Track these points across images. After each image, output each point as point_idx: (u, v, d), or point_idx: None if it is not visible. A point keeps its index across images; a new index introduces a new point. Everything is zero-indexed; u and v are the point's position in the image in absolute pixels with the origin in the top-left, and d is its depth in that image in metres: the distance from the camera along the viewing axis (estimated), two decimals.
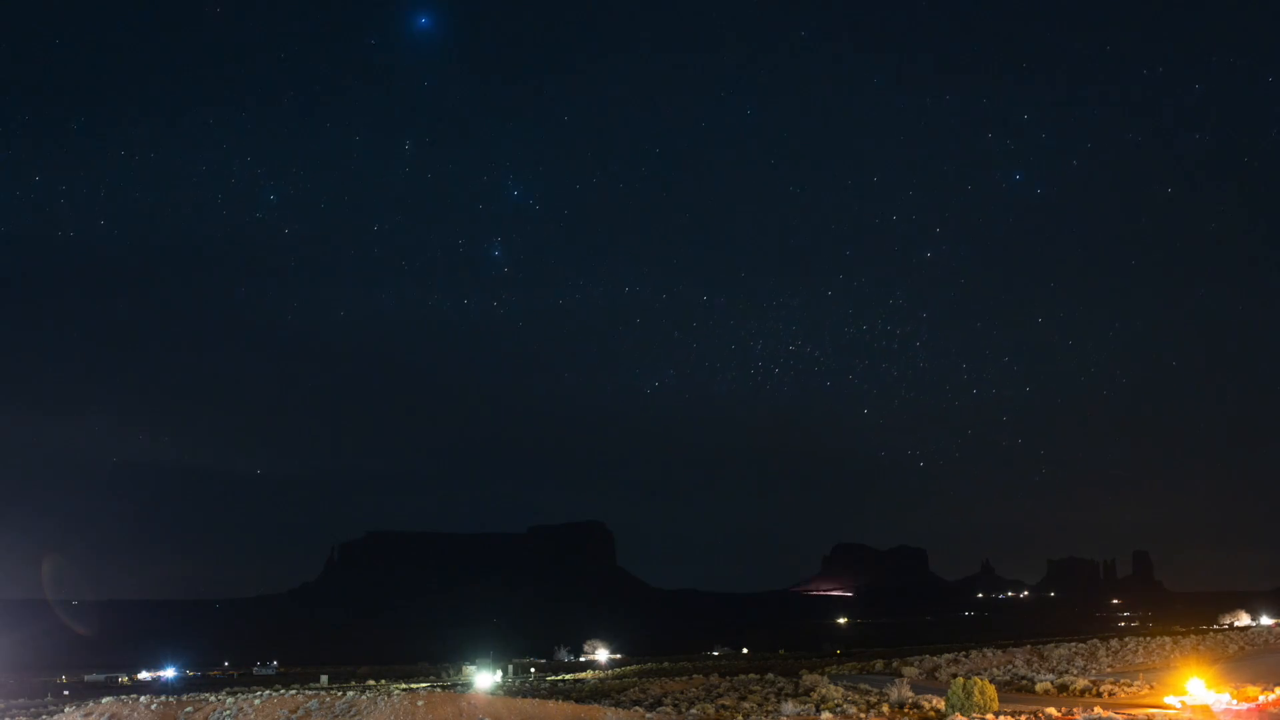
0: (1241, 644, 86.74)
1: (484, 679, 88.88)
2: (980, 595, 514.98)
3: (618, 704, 51.63)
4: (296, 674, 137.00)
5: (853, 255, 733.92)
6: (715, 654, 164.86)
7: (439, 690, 50.70)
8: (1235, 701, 42.22)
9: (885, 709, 44.85)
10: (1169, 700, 44.63)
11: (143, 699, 39.23)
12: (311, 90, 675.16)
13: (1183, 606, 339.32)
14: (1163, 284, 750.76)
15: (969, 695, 40.43)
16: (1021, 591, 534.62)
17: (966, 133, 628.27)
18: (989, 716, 38.31)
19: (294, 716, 35.71)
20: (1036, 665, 74.19)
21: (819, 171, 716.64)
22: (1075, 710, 39.12)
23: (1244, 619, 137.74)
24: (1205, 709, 41.22)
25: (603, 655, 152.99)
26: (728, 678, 75.02)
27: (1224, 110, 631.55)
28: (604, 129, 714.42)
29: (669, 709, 50.07)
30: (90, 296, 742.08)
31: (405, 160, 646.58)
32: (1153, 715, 39.72)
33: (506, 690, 73.70)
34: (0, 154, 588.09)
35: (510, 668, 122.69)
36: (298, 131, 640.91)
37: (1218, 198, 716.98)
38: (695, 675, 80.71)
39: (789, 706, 45.38)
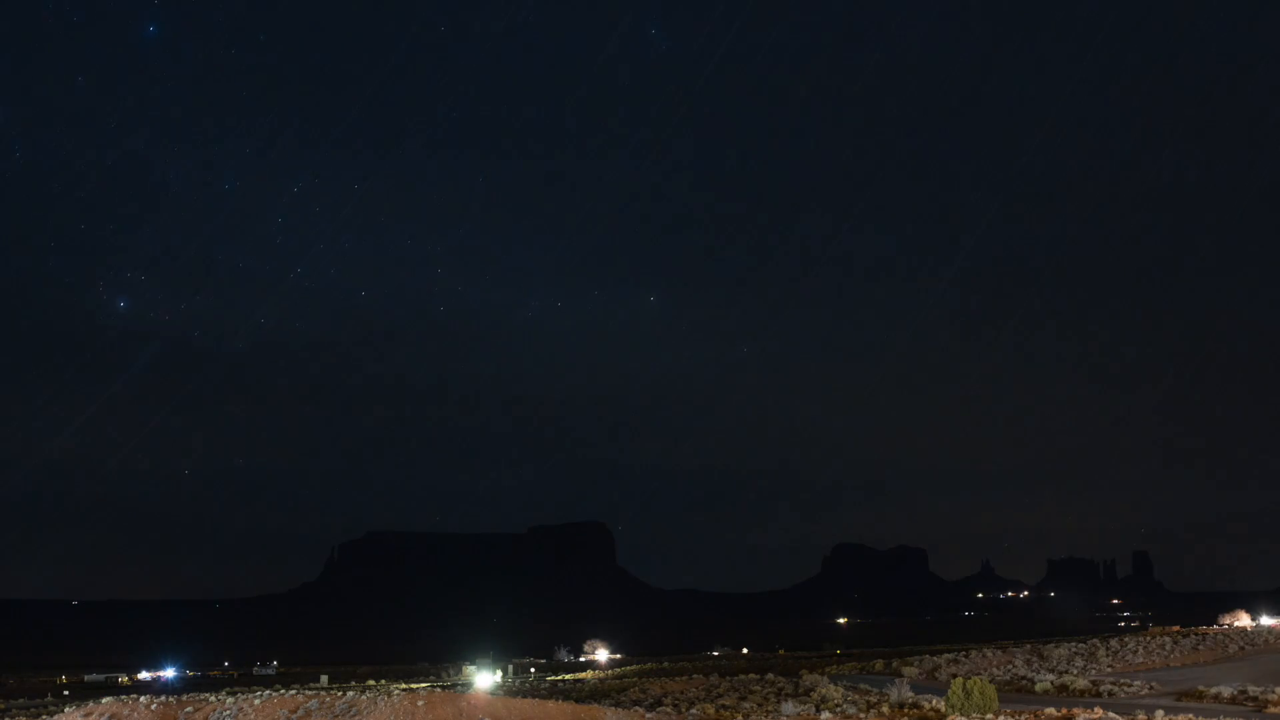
0: (1242, 644, 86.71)
1: (484, 679, 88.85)
2: (980, 595, 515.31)
3: (618, 704, 51.61)
4: (296, 674, 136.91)
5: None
6: (715, 654, 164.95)
7: (439, 690, 50.63)
8: None
9: (885, 709, 44.81)
10: None
11: (143, 699, 39.15)
12: None
13: (1183, 606, 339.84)
14: (1162, 286, 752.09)
15: (969, 695, 40.34)
16: (1021, 591, 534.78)
17: None
18: (989, 717, 38.25)
19: (294, 716, 35.65)
20: (1036, 665, 74.14)
21: None
22: (1075, 710, 39.00)
23: (1244, 619, 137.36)
24: None
25: (603, 655, 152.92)
26: (728, 678, 74.98)
27: None
28: None
29: (669, 709, 50.04)
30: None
31: None
32: None
33: (506, 690, 73.70)
34: None
35: (510, 668, 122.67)
36: None
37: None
38: (695, 675, 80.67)
39: (789, 706, 45.35)
